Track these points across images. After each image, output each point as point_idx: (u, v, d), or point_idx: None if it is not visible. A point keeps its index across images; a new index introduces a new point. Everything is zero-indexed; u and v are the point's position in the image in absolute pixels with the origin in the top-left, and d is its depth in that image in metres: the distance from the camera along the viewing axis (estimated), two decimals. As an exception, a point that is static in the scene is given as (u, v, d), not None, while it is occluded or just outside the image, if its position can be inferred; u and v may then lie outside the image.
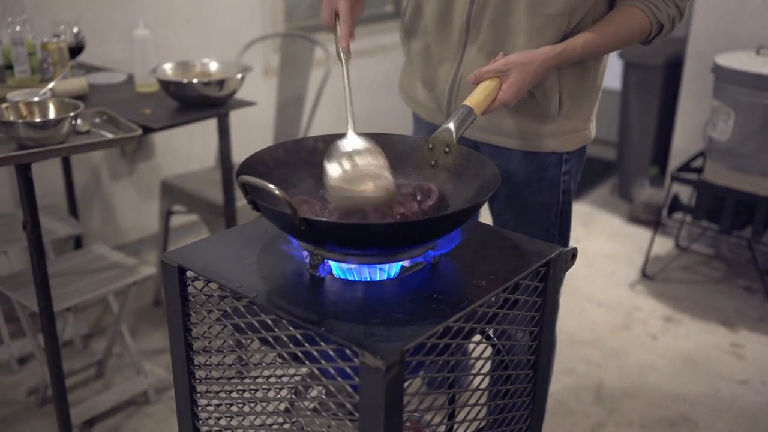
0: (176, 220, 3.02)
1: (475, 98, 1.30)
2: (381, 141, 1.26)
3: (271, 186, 0.99)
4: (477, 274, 1.15)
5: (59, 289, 2.05)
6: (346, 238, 1.06)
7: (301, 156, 1.27)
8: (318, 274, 1.14)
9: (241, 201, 2.52)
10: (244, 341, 1.14)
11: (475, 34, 1.46)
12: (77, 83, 2.19)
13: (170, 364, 2.54)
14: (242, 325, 1.12)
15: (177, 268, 1.16)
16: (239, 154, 2.42)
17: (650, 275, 3.19)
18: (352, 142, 1.18)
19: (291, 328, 1.05)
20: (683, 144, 3.36)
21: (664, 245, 3.42)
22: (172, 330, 1.20)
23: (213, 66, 2.27)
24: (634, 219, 3.71)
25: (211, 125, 2.21)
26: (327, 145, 1.22)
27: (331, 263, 1.14)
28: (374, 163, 1.15)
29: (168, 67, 2.23)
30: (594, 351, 2.67)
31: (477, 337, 1.18)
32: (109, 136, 1.84)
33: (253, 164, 1.20)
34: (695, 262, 3.34)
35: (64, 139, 1.76)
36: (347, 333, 0.98)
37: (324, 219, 1.09)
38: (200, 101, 2.13)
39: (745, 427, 2.30)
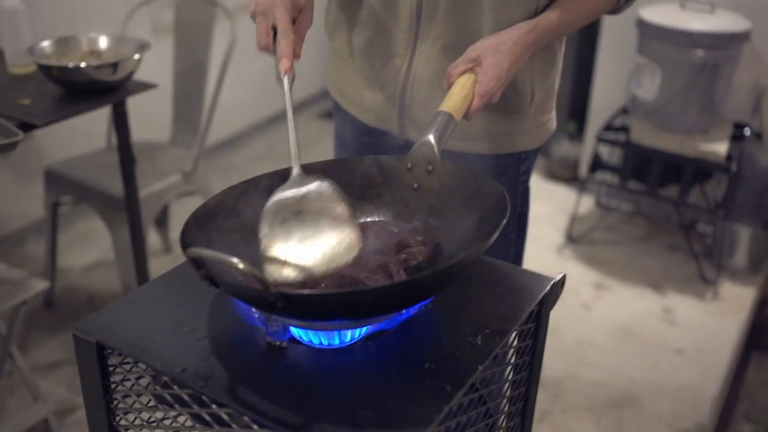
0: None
1: (452, 101, 1.07)
2: (347, 167, 1.03)
3: (234, 259, 0.75)
4: (467, 327, 0.96)
5: (-68, 317, 1.72)
6: (337, 309, 0.83)
7: (255, 198, 1.02)
8: (279, 343, 0.92)
9: (145, 191, 2.22)
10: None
11: (427, 24, 1.22)
12: (-67, 67, 1.81)
13: (71, 379, 2.24)
14: (188, 415, 0.90)
15: (95, 345, 0.91)
16: (133, 129, 2.07)
17: (575, 238, 3.11)
18: (296, 189, 0.98)
19: (255, 426, 0.83)
20: (602, 100, 3.26)
21: (584, 204, 3.33)
22: (93, 425, 0.95)
23: (102, 42, 1.91)
24: (553, 175, 3.62)
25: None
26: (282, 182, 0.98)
27: (292, 328, 0.93)
28: (328, 216, 0.95)
29: (47, 46, 1.86)
30: (529, 327, 2.56)
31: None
32: (-18, 141, 1.50)
33: (203, 219, 0.95)
34: (617, 220, 3.29)
35: (-77, 149, 1.43)
36: (334, 438, 0.78)
37: (308, 292, 0.86)
38: (91, 87, 1.79)
39: (688, 403, 2.26)
